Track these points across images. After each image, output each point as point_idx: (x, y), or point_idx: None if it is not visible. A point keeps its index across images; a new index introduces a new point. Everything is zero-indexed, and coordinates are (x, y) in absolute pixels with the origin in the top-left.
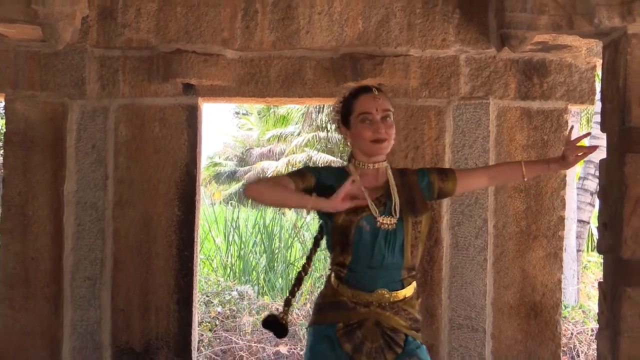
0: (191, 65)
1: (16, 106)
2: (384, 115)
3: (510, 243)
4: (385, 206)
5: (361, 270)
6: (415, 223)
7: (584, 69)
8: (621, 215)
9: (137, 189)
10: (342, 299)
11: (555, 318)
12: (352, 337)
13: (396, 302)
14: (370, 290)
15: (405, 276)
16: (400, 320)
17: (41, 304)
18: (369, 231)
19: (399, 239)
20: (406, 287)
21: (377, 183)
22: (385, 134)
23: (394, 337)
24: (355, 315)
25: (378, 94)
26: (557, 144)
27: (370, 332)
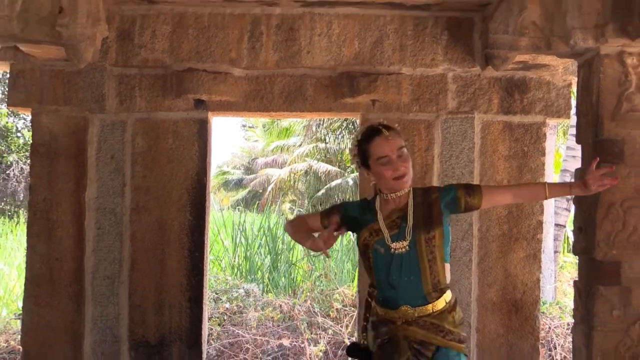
0: (202, 83)
1: (42, 120)
2: (399, 153)
3: (494, 245)
4: (400, 228)
5: (384, 289)
6: (429, 239)
7: (560, 86)
8: (594, 219)
9: (152, 195)
10: (379, 317)
11: (534, 314)
12: (384, 352)
13: (422, 317)
14: (394, 307)
15: (430, 291)
16: (430, 334)
17: (64, 302)
18: (383, 254)
19: (413, 260)
20: (432, 302)
21: (398, 206)
22: (404, 168)
23: (421, 349)
24: (388, 332)
25: (389, 134)
26: (536, 155)
27: (398, 346)
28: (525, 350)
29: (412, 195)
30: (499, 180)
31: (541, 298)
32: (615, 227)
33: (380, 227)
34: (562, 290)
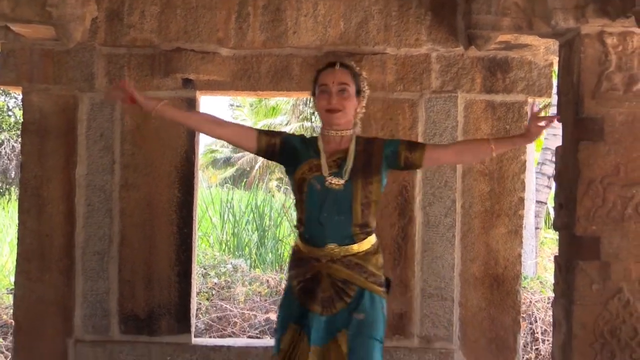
0: (190, 62)
1: (32, 98)
2: (340, 88)
3: (476, 221)
4: (340, 168)
5: (312, 226)
6: (366, 184)
7: (542, 66)
8: (575, 196)
9: (141, 173)
10: (302, 255)
11: (515, 288)
12: (307, 289)
13: (347, 256)
14: (321, 245)
15: (357, 232)
16: (354, 274)
17: (55, 276)
18: (319, 190)
19: (347, 198)
20: (358, 242)
21: (340, 147)
22: (338, 104)
23: (344, 287)
24: (310, 269)
25: (339, 68)
26: (518, 133)
27: (320, 282)
28: (506, 324)
29: (355, 142)
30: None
31: (522, 273)
32: (595, 203)
33: (322, 162)
34: (542, 265)
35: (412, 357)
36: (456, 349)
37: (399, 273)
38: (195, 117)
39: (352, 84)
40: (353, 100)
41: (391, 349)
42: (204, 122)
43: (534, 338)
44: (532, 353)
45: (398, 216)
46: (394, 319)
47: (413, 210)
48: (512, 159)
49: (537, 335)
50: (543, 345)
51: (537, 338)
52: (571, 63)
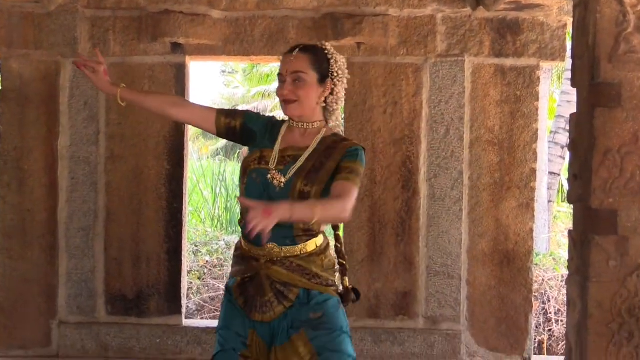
0: (179, 25)
1: (11, 64)
2: (294, 77)
3: (485, 194)
4: (286, 165)
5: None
6: (303, 192)
7: (555, 27)
8: (590, 166)
9: (127, 143)
10: (243, 253)
11: (527, 265)
12: (245, 290)
13: (288, 257)
14: (259, 244)
15: (299, 234)
16: (296, 276)
17: (37, 254)
18: (258, 184)
19: (283, 199)
20: (300, 244)
21: (300, 143)
22: (291, 94)
23: (284, 291)
24: (249, 269)
25: (297, 54)
26: (529, 99)
27: (260, 286)
28: (517, 303)
29: (321, 140)
30: (490, 127)
31: (534, 249)
32: (612, 174)
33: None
34: (556, 241)
35: (417, 338)
36: (464, 330)
37: (403, 249)
38: (152, 98)
39: (310, 71)
40: (311, 89)
41: (395, 330)
42: (163, 104)
43: (547, 318)
44: (545, 334)
45: (401, 189)
46: (397, 298)
47: (417, 183)
48: (523, 127)
49: (550, 315)
50: (556, 326)
51: (550, 318)
52: (586, 24)
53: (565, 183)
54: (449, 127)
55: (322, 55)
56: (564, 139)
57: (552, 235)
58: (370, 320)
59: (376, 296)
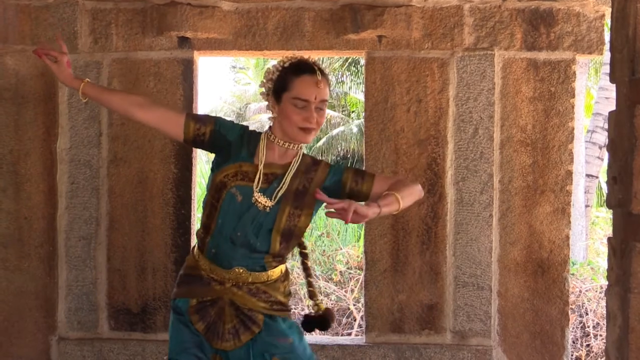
0: (186, 18)
1: (6, 61)
2: (320, 105)
3: (517, 198)
4: (270, 185)
5: (222, 242)
6: (293, 215)
7: (592, 18)
8: (631, 168)
9: (132, 145)
10: (199, 273)
11: (563, 275)
12: (205, 315)
13: (255, 283)
14: (227, 267)
15: (270, 261)
16: (259, 302)
17: (35, 264)
18: (239, 202)
19: (269, 223)
20: (269, 270)
21: (280, 161)
22: (316, 124)
23: (251, 315)
24: (210, 291)
25: (321, 79)
26: (564, 96)
27: (223, 311)
28: (553, 316)
29: (300, 160)
30: (522, 126)
31: (570, 258)
32: None
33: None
34: (594, 249)
35: (444, 355)
36: (495, 345)
37: (429, 258)
38: (116, 97)
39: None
40: (325, 117)
41: (420, 345)
42: (127, 104)
43: (585, 333)
44: (583, 350)
45: (427, 193)
46: (422, 311)
47: (444, 187)
48: (558, 126)
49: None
50: (595, 341)
51: (588, 333)
52: (626, 14)
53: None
54: (477, 126)
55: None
56: (602, 138)
57: (589, 243)
58: (394, 335)
59: (400, 309)
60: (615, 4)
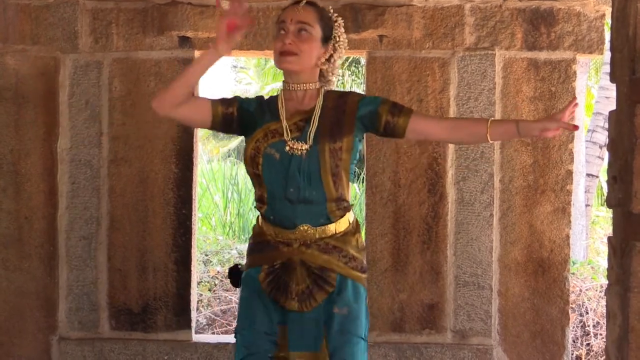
0: (187, 17)
1: (7, 61)
2: (299, 27)
3: (517, 198)
4: (302, 131)
5: (278, 205)
6: (334, 150)
7: (592, 18)
8: (631, 167)
9: (132, 145)
10: (267, 238)
11: (563, 274)
12: (277, 280)
13: (324, 238)
14: (291, 227)
15: (333, 209)
16: (332, 259)
17: (36, 264)
18: (278, 160)
19: (314, 167)
20: (335, 222)
21: (303, 107)
22: (293, 46)
23: (324, 275)
24: (279, 255)
25: (302, 6)
26: (565, 96)
27: (295, 273)
28: (553, 315)
29: (323, 98)
30: None
31: (571, 257)
32: None
33: (282, 125)
34: (594, 248)
35: (445, 354)
36: (495, 344)
37: (429, 258)
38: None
39: (317, 26)
40: (314, 44)
41: (421, 345)
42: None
43: (585, 332)
44: (583, 349)
45: (427, 193)
46: (423, 310)
47: (445, 186)
48: None
49: (589, 328)
50: (595, 340)
51: (588, 332)
52: (627, 14)
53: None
54: None
55: (327, 15)
56: (602, 138)
57: (590, 242)
58: (395, 335)
59: (400, 308)
60: (616, 3)
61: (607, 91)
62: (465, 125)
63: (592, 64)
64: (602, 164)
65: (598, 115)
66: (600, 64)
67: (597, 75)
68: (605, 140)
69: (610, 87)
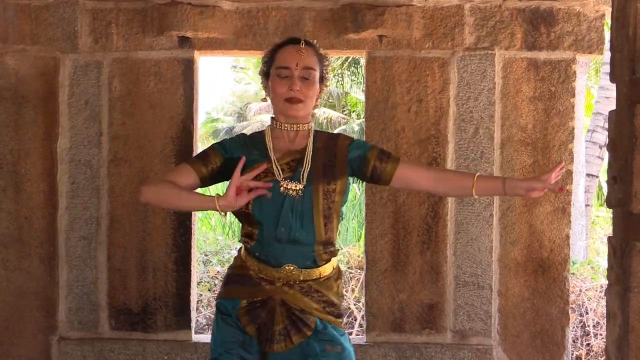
0: (187, 17)
1: (7, 61)
2: (304, 74)
3: (517, 198)
4: (295, 172)
5: (267, 244)
6: (328, 192)
7: (592, 18)
8: (631, 167)
9: (132, 145)
10: (249, 273)
11: (563, 274)
12: (256, 316)
13: (307, 281)
14: (276, 266)
15: (321, 252)
16: (311, 303)
17: (36, 264)
18: (271, 200)
19: (307, 208)
20: (321, 266)
21: (294, 146)
22: (300, 93)
23: (303, 317)
24: (260, 292)
25: (304, 48)
26: (564, 95)
27: (274, 312)
28: (553, 315)
29: (313, 138)
30: (522, 125)
31: (571, 257)
32: None
33: (273, 164)
34: (594, 248)
35: (444, 354)
36: (495, 344)
37: (429, 258)
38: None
39: (317, 69)
40: (316, 87)
41: (420, 345)
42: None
43: (585, 332)
44: (583, 349)
45: (427, 193)
46: (423, 310)
47: None
48: (558, 125)
49: (589, 328)
50: (595, 340)
51: (588, 332)
52: (626, 14)
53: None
54: (478, 126)
55: (321, 54)
56: (602, 138)
57: (590, 242)
58: (395, 335)
59: (400, 308)
60: (615, 3)
61: (607, 91)
62: (452, 177)
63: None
64: (602, 164)
65: (598, 115)
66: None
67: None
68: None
69: (610, 87)
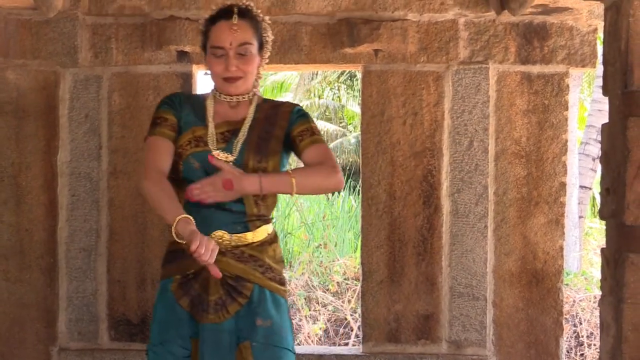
0: (185, 32)
1: (8, 75)
2: (240, 50)
3: (511, 210)
4: (228, 143)
5: (195, 210)
6: (258, 170)
7: (585, 32)
8: (624, 180)
9: (131, 158)
10: (181, 247)
11: (557, 285)
12: (189, 289)
13: (239, 246)
14: (206, 233)
15: (253, 219)
16: (247, 268)
17: (36, 276)
18: (198, 169)
19: None
20: (253, 231)
21: (234, 116)
22: (239, 71)
23: (237, 286)
24: (192, 264)
25: (237, 23)
26: (558, 109)
27: (207, 283)
28: (547, 326)
29: (257, 108)
30: (516, 138)
31: (564, 268)
32: None
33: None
34: (587, 259)
35: None
36: (490, 355)
37: (424, 269)
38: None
39: (255, 40)
40: (255, 60)
41: (416, 355)
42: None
43: (579, 342)
44: (577, 359)
45: (422, 205)
46: (419, 321)
47: (439, 198)
48: (551, 138)
49: (582, 339)
50: (589, 351)
51: (582, 342)
52: (618, 28)
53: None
54: (472, 138)
55: (258, 20)
56: (595, 150)
57: (583, 253)
58: (390, 345)
59: (396, 319)
60: (608, 18)
61: (599, 104)
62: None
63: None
64: (595, 176)
65: (591, 128)
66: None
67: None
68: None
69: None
